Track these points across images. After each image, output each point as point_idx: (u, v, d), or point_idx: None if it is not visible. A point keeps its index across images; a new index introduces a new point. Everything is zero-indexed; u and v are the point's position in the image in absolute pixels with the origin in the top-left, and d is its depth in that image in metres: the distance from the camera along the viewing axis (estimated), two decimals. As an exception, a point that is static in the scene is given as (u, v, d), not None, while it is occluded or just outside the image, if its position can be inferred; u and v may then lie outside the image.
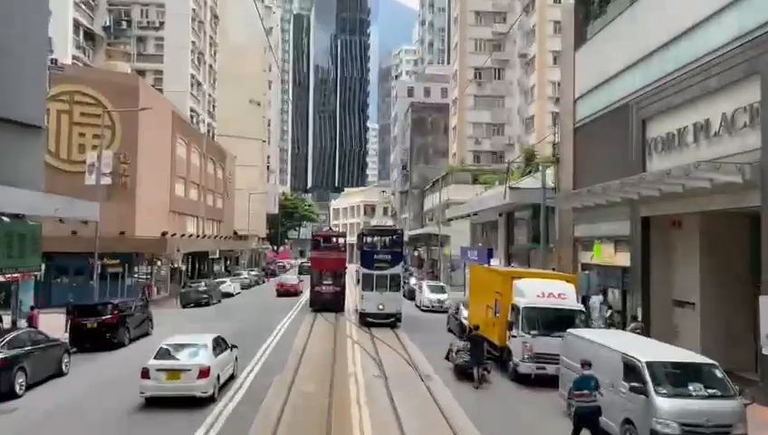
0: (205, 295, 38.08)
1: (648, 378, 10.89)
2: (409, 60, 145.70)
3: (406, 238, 79.83)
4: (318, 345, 22.59)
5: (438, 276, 58.73)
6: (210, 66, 59.39)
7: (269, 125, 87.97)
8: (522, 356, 16.61)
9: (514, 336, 17.07)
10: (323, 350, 21.68)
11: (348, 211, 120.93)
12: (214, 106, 62.12)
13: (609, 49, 23.33)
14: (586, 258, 25.28)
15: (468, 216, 38.38)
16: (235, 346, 16.88)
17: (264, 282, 60.36)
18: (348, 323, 28.87)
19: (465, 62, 62.23)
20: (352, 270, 36.45)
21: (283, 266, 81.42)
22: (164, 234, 39.10)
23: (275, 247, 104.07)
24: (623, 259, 21.87)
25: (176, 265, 43.24)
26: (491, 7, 62.11)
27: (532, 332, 16.68)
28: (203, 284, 39.21)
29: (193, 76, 52.80)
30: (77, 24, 46.80)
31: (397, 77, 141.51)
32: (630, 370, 11.39)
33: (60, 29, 45.29)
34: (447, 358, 18.50)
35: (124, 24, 50.77)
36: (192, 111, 53.11)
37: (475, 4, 62.35)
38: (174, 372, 13.89)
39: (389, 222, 75.85)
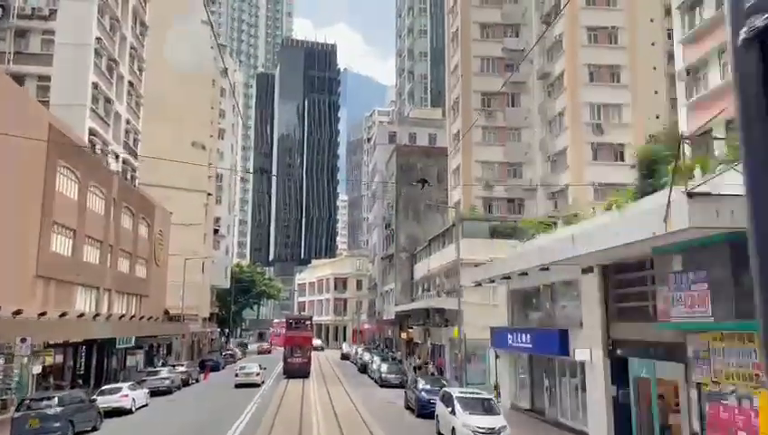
0: (56, 423, 20.97)
1: None
2: (383, 121, 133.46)
3: (391, 316, 59.81)
4: None
5: (443, 370, 42.37)
6: (131, 84, 44.02)
7: (219, 180, 72.25)
8: None
9: None
10: None
11: (315, 286, 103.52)
12: (136, 140, 46.30)
13: None
14: None
15: (525, 273, 22.49)
16: (265, 367, 41.03)
17: (197, 380, 42.67)
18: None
19: (470, 86, 48.40)
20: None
21: (232, 355, 63.37)
22: (-10, 311, 22.26)
23: (227, 332, 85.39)
24: None
25: (30, 365, 25.89)
26: (500, 18, 48.92)
27: None
28: (56, 399, 21.97)
29: (96, 87, 37.26)
30: None
31: (369, 140, 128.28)
32: None
33: None
34: None
35: (-2, 10, 35.55)
36: (94, 134, 37.22)
37: (479, 14, 49.19)
38: (247, 374, 37.95)
39: None
